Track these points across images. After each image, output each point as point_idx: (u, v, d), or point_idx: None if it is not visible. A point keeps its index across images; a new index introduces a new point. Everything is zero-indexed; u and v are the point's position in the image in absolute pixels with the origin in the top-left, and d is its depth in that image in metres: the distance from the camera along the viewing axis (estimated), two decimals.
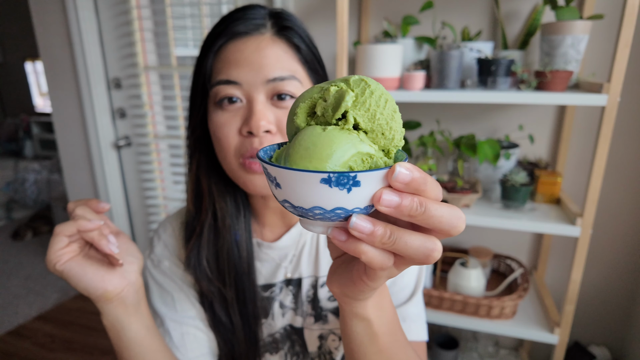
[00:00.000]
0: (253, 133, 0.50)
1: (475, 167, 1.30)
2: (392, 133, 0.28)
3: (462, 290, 1.22)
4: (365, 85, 0.28)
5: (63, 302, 2.21)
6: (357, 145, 0.27)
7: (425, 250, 0.27)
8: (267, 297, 0.64)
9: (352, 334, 0.39)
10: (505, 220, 1.11)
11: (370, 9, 1.41)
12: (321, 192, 0.25)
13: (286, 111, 0.52)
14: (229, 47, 0.52)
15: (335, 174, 0.24)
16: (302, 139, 0.28)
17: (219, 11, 1.71)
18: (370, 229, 0.26)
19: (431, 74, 1.16)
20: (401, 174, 0.25)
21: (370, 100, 0.28)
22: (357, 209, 0.26)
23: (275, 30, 0.53)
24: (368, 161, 0.27)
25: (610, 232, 1.38)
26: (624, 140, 1.29)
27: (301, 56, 0.54)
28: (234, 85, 0.51)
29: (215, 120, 0.53)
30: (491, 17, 1.31)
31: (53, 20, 1.81)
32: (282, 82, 0.51)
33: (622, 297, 1.43)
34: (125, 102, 1.92)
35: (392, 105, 0.28)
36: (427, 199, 0.26)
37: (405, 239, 0.26)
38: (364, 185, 0.25)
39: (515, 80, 1.10)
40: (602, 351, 1.43)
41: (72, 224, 0.44)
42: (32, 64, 5.41)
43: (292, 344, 0.65)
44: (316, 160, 0.26)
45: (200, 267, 0.59)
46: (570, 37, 1.06)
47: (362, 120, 0.28)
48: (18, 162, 5.20)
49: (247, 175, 0.53)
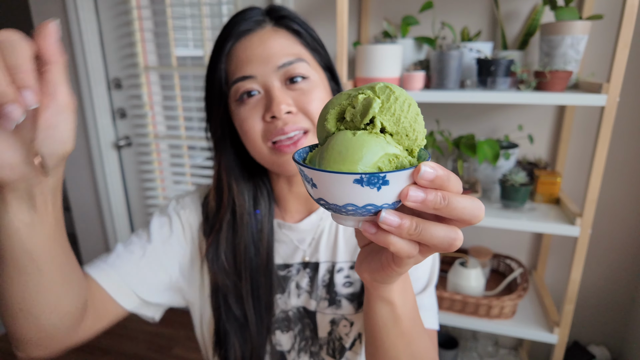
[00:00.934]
0: (276, 117, 0.55)
1: (475, 167, 1.30)
2: (415, 134, 0.31)
3: (462, 290, 1.22)
4: (390, 92, 0.31)
5: None
6: (385, 147, 0.30)
7: (448, 240, 0.29)
8: (283, 276, 0.67)
9: (377, 317, 0.43)
10: (505, 220, 1.11)
11: (370, 9, 1.41)
12: (354, 191, 0.28)
13: (301, 92, 0.57)
14: (237, 47, 0.57)
15: (366, 175, 0.27)
16: (335, 143, 0.31)
17: (219, 11, 1.72)
18: (398, 222, 0.29)
19: (431, 74, 1.16)
20: (426, 172, 0.28)
21: (395, 106, 0.30)
22: (385, 205, 0.29)
23: (274, 22, 0.58)
24: (394, 161, 0.30)
25: (609, 232, 1.38)
26: (623, 140, 1.29)
27: (302, 40, 0.59)
28: (250, 80, 0.56)
29: (239, 115, 0.57)
30: (491, 18, 1.32)
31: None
32: (291, 66, 0.56)
33: (622, 296, 1.43)
34: (125, 102, 1.92)
35: (415, 109, 0.31)
36: (449, 192, 0.28)
37: (431, 230, 0.29)
38: (392, 184, 0.28)
39: (514, 81, 1.10)
40: (601, 351, 1.44)
41: None
42: None
43: (303, 327, 0.67)
44: (349, 163, 0.29)
45: (218, 261, 0.62)
46: (570, 38, 1.06)
47: (388, 124, 0.31)
48: None
49: (279, 157, 0.57)
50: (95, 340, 1.92)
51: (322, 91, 0.58)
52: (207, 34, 1.69)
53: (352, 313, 0.65)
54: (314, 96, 0.57)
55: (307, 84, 0.57)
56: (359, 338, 0.65)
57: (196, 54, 1.81)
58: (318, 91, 0.58)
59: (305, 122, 0.57)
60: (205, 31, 1.68)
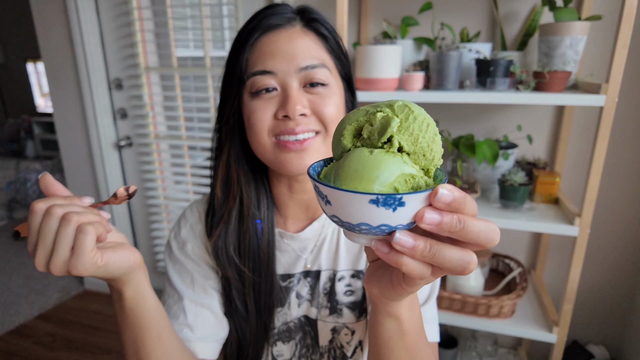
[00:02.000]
0: (289, 116, 0.54)
1: (474, 167, 1.31)
2: (432, 154, 0.31)
3: (461, 290, 1.23)
4: (409, 111, 0.30)
5: (64, 302, 2.22)
6: (402, 167, 0.29)
7: (462, 263, 0.29)
8: (285, 287, 0.66)
9: (382, 331, 0.42)
10: (504, 220, 1.11)
11: (370, 10, 1.42)
12: (369, 211, 0.28)
13: (318, 96, 0.56)
14: (263, 39, 0.56)
15: (382, 195, 0.27)
16: (352, 160, 0.31)
17: (219, 12, 1.72)
18: (412, 244, 0.28)
19: (430, 74, 1.17)
20: (444, 195, 0.27)
21: (414, 126, 0.30)
22: (400, 225, 0.29)
23: (304, 23, 0.58)
24: (411, 181, 0.30)
25: (608, 231, 1.39)
26: (622, 141, 1.30)
27: (328, 45, 0.59)
28: (269, 75, 0.55)
29: (251, 106, 0.57)
30: (490, 18, 1.32)
31: (54, 21, 1.82)
32: (313, 70, 0.55)
33: (620, 296, 1.43)
34: (126, 103, 1.93)
35: (433, 129, 0.31)
36: (465, 215, 0.28)
37: (444, 253, 0.29)
38: (408, 205, 0.27)
39: (513, 81, 1.11)
40: (600, 350, 1.44)
41: (93, 227, 0.39)
42: (34, 64, 5.42)
43: (304, 335, 0.66)
44: (365, 182, 0.29)
45: (227, 253, 0.62)
46: (569, 38, 1.07)
47: (406, 144, 0.30)
48: (20, 162, 5.21)
49: (283, 154, 0.56)
50: (96, 339, 1.93)
51: (338, 99, 0.58)
52: (207, 35, 1.69)
53: (354, 321, 0.65)
54: (330, 101, 0.57)
55: (325, 90, 0.57)
56: (360, 346, 0.65)
57: (197, 54, 1.81)
58: (334, 98, 0.57)
59: (317, 125, 0.56)
60: (206, 32, 1.68)
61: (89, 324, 2.04)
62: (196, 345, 0.59)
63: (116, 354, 1.85)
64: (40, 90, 5.57)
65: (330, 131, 0.57)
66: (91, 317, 2.09)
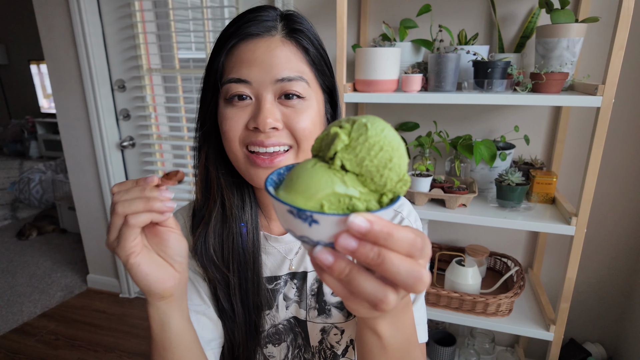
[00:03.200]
0: (259, 129, 0.53)
1: (472, 168, 1.32)
2: (383, 180, 0.30)
3: (459, 288, 1.24)
4: (364, 131, 0.30)
5: (67, 300, 2.24)
6: (335, 185, 0.29)
7: (374, 297, 0.28)
8: (272, 289, 0.66)
9: (363, 342, 0.42)
10: (501, 220, 1.13)
11: (369, 12, 1.43)
12: (290, 220, 0.29)
13: (292, 110, 0.55)
14: (240, 47, 0.54)
15: (295, 208, 0.28)
16: (295, 169, 0.32)
17: (221, 14, 1.74)
18: (329, 262, 0.28)
19: (428, 76, 1.18)
20: (353, 223, 0.26)
21: (362, 147, 0.30)
22: (322, 242, 0.29)
23: (286, 33, 0.55)
24: (345, 202, 0.29)
25: (604, 231, 1.40)
26: (619, 141, 1.31)
27: (309, 58, 0.56)
28: (244, 84, 0.54)
29: (224, 113, 0.56)
30: (488, 21, 1.34)
31: (57, 23, 1.84)
32: (290, 82, 0.54)
33: (617, 294, 1.45)
34: (129, 104, 1.95)
35: (389, 155, 0.30)
36: (389, 250, 0.27)
37: (359, 281, 0.28)
38: (322, 224, 0.27)
39: (511, 82, 1.12)
40: (597, 348, 1.45)
41: (146, 215, 0.42)
42: (37, 66, 5.46)
43: (294, 336, 0.67)
44: (294, 193, 0.30)
45: (207, 254, 0.61)
46: (566, 40, 1.08)
47: (349, 164, 0.30)
48: (23, 163, 5.25)
49: (252, 168, 0.55)
50: (99, 337, 1.95)
51: (314, 113, 0.56)
52: (209, 37, 1.71)
53: (342, 321, 0.65)
54: (304, 116, 0.55)
55: (301, 104, 0.55)
56: (351, 344, 0.66)
57: (199, 56, 1.83)
58: (310, 112, 0.55)
59: (289, 139, 0.55)
60: (208, 34, 1.70)
61: (92, 323, 2.06)
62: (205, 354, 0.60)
63: (119, 352, 1.87)
64: (44, 91, 5.60)
65: (303, 147, 0.55)
66: (94, 316, 2.11)
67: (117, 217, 0.42)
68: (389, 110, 1.51)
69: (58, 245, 2.92)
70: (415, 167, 1.25)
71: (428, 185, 1.22)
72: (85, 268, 2.44)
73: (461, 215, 1.17)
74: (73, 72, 1.90)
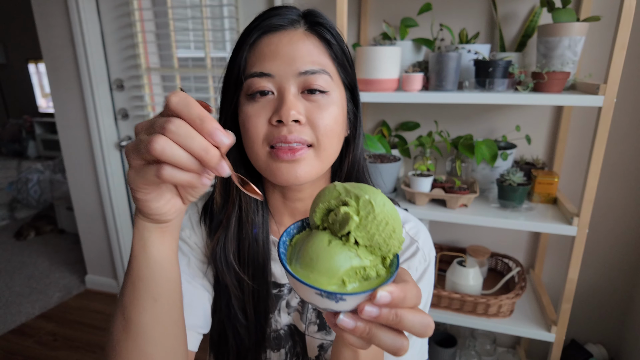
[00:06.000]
0: (283, 122, 0.52)
1: (473, 167, 1.32)
2: (388, 247, 0.36)
3: (460, 289, 1.24)
4: (371, 209, 0.35)
5: (65, 301, 2.23)
6: (352, 260, 0.35)
7: (394, 347, 0.34)
8: (275, 294, 0.65)
9: (339, 355, 0.45)
10: (503, 220, 1.12)
11: (370, 11, 1.42)
12: (316, 298, 0.33)
13: (315, 104, 0.54)
14: (263, 40, 0.54)
15: (326, 292, 0.32)
16: (311, 246, 0.36)
17: (220, 13, 1.73)
18: (353, 326, 0.33)
19: (429, 75, 1.18)
20: (382, 297, 0.32)
21: (372, 225, 0.35)
22: (344, 311, 0.34)
23: (308, 26, 0.55)
24: (361, 272, 0.35)
25: (606, 231, 1.39)
26: (620, 141, 1.30)
27: (332, 51, 0.56)
28: (267, 78, 0.53)
29: (246, 111, 0.55)
30: (489, 20, 1.33)
31: (56, 22, 1.83)
32: (313, 75, 0.53)
33: (619, 295, 1.44)
34: (127, 103, 1.94)
35: (392, 226, 0.35)
36: (404, 310, 0.33)
37: (380, 336, 0.34)
38: (349, 301, 0.33)
39: (512, 82, 1.11)
40: (598, 349, 1.45)
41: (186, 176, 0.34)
42: (35, 65, 5.44)
43: (293, 343, 0.66)
44: (316, 273, 0.34)
45: (227, 261, 0.60)
46: (567, 39, 1.08)
47: (362, 240, 0.35)
48: (21, 162, 5.23)
49: (275, 163, 0.54)
50: (97, 338, 1.94)
51: (337, 109, 0.55)
52: (208, 36, 1.70)
53: None
54: (328, 112, 0.54)
55: (324, 99, 0.54)
56: None
57: (197, 55, 1.82)
58: (333, 108, 0.55)
59: (311, 136, 0.54)
60: (207, 33, 1.69)
61: (90, 323, 2.05)
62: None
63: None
64: (42, 90, 5.58)
65: (324, 146, 0.54)
66: (92, 317, 2.10)
67: (152, 151, 0.32)
68: (389, 109, 1.50)
69: (56, 245, 2.90)
70: (416, 167, 1.25)
71: (429, 186, 1.21)
72: (83, 268, 2.43)
73: (462, 215, 1.16)
74: (71, 71, 1.89)
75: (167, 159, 0.33)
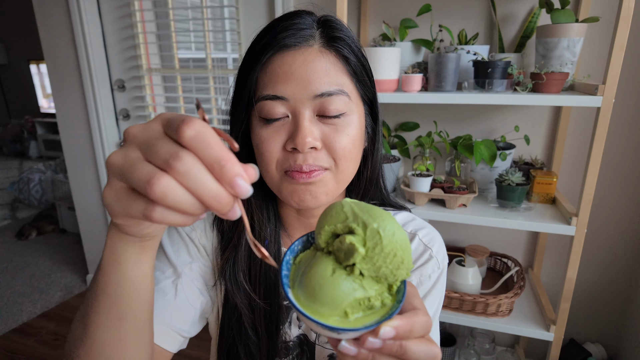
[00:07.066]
0: (298, 150, 0.49)
1: (472, 168, 1.32)
2: (395, 277, 0.34)
3: (459, 288, 1.24)
4: (379, 240, 0.32)
5: (67, 300, 2.24)
6: (357, 292, 0.33)
7: None
8: (286, 306, 0.64)
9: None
10: (502, 220, 1.13)
11: (369, 12, 1.43)
12: (319, 329, 0.33)
13: (333, 127, 0.51)
14: (276, 60, 0.50)
15: (328, 327, 0.32)
16: (314, 275, 0.34)
17: (220, 14, 1.74)
18: (355, 352, 0.32)
19: (429, 76, 1.18)
20: (386, 333, 0.31)
21: (378, 257, 0.33)
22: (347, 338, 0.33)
23: (324, 41, 0.51)
24: (365, 303, 0.34)
25: (604, 231, 1.40)
26: (619, 141, 1.31)
27: (350, 68, 0.52)
28: (280, 101, 0.50)
29: (259, 134, 0.52)
30: (488, 21, 1.34)
31: (57, 23, 1.84)
32: (330, 97, 0.50)
33: (617, 295, 1.45)
34: (129, 104, 1.95)
35: (401, 258, 0.33)
36: (410, 341, 0.32)
37: None
38: (352, 334, 0.32)
39: (511, 82, 1.12)
40: (597, 348, 1.45)
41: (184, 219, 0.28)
42: (37, 65, 5.45)
43: (301, 352, 0.65)
44: (319, 303, 0.33)
45: (236, 280, 0.58)
46: (566, 40, 1.08)
47: (367, 272, 0.34)
48: (23, 163, 5.25)
49: (291, 185, 0.52)
50: None
51: (355, 129, 0.53)
52: (209, 37, 1.71)
53: None
54: (344, 134, 0.51)
55: (342, 121, 0.51)
56: None
57: (198, 56, 1.83)
58: (351, 129, 0.52)
59: (327, 161, 0.51)
60: (207, 34, 1.70)
61: None
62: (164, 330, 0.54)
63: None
64: (44, 91, 5.60)
65: (341, 167, 0.52)
66: None
67: (151, 194, 0.25)
68: (389, 110, 1.51)
69: (57, 245, 2.91)
70: (416, 167, 1.25)
71: (428, 185, 1.22)
72: (84, 268, 2.44)
73: (461, 215, 1.16)
74: (73, 72, 1.90)
75: (167, 205, 0.26)
